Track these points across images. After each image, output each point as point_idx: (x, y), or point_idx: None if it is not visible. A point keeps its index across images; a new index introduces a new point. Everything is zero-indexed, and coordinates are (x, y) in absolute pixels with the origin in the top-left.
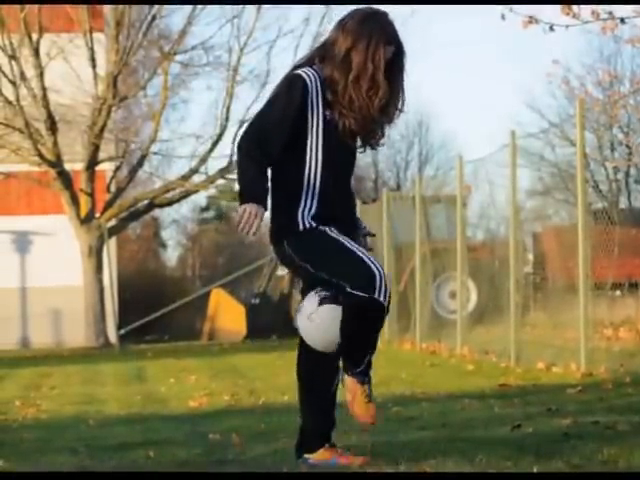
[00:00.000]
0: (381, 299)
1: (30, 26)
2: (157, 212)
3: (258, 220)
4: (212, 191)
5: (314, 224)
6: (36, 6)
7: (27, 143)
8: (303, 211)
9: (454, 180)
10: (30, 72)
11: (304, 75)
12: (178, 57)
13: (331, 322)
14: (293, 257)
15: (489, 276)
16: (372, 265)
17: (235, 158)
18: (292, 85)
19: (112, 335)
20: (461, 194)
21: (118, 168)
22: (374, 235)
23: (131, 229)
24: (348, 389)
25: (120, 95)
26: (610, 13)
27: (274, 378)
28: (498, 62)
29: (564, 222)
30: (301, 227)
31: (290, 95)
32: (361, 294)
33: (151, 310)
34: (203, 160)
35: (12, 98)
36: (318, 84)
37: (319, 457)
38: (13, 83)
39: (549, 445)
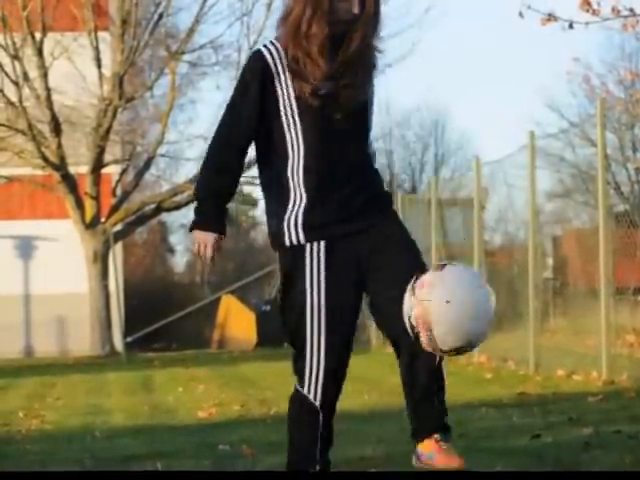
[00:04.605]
0: (310, 398)
1: (33, 25)
2: (164, 216)
3: (210, 249)
4: None
5: (302, 239)
6: (39, 4)
7: (30, 145)
8: (289, 217)
9: (471, 182)
10: (33, 72)
11: (263, 50)
12: (186, 56)
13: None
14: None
15: (507, 281)
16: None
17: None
18: (248, 66)
19: (118, 343)
20: (479, 197)
21: (124, 171)
22: None
23: (138, 234)
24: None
25: (126, 96)
26: (631, 10)
27: (285, 387)
28: (516, 60)
29: (585, 225)
30: (287, 241)
31: (245, 79)
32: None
33: (158, 317)
34: None
35: (15, 99)
36: (282, 55)
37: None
38: (16, 84)
39: (569, 455)
